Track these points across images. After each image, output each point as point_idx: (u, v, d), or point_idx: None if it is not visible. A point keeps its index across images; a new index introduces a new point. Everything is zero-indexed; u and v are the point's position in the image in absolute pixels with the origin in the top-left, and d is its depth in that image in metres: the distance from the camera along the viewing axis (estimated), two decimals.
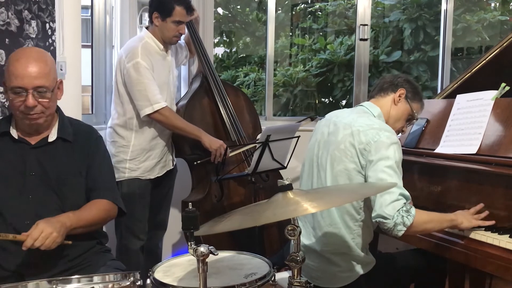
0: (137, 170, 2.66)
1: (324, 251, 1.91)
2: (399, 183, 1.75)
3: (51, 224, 1.60)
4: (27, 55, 1.75)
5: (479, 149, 2.03)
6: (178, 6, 2.62)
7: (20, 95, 1.72)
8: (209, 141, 2.66)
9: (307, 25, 5.69)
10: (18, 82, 1.70)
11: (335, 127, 1.94)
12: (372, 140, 1.80)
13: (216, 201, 2.81)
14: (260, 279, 1.46)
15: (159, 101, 2.56)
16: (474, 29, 5.20)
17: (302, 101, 5.37)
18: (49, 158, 1.82)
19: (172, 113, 2.65)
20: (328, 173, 1.90)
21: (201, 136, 2.66)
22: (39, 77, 1.72)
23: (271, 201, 1.47)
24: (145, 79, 2.55)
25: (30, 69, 1.71)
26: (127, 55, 2.59)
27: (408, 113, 2.05)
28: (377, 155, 1.78)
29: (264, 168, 2.62)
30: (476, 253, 1.79)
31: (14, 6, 2.20)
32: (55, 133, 1.86)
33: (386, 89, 2.04)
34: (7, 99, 1.83)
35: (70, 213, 1.74)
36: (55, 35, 2.46)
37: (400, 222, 1.68)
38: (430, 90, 5.06)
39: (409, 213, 1.70)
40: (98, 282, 1.34)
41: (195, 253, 1.27)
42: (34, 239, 1.55)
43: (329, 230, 1.90)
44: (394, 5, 5.36)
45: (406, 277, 2.08)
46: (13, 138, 1.82)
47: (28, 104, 1.71)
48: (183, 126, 2.65)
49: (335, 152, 1.88)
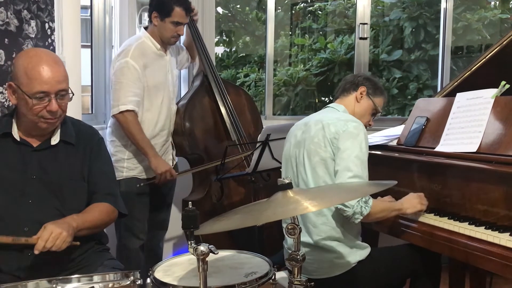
0: (135, 170, 2.66)
1: (317, 241, 1.97)
2: (363, 174, 1.90)
3: (59, 225, 1.61)
4: (44, 59, 1.72)
5: (479, 147, 2.02)
6: (177, 7, 2.62)
7: (43, 100, 1.69)
8: (156, 164, 2.56)
9: (307, 24, 5.69)
10: (42, 87, 1.68)
11: (307, 127, 2.08)
12: (341, 130, 1.95)
13: (216, 201, 2.81)
14: (260, 278, 1.46)
15: (126, 103, 2.51)
16: (475, 27, 5.20)
17: (303, 100, 5.38)
18: (50, 161, 1.80)
19: (134, 120, 2.54)
20: (307, 166, 2.00)
21: (149, 155, 2.55)
22: (62, 81, 1.72)
23: (271, 200, 1.47)
24: (124, 79, 2.53)
25: (54, 73, 1.70)
26: (120, 53, 2.60)
27: (372, 108, 2.20)
28: (345, 144, 1.92)
29: (264, 167, 2.63)
30: (476, 251, 1.78)
31: (13, 6, 2.20)
32: (58, 136, 1.83)
33: (348, 89, 2.18)
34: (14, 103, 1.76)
35: (74, 215, 1.74)
36: (55, 35, 2.46)
37: (358, 212, 1.85)
38: (431, 88, 5.06)
39: (367, 204, 1.86)
40: (98, 281, 1.33)
41: (195, 252, 1.27)
42: (45, 241, 1.56)
43: (318, 220, 1.97)
44: (394, 3, 5.36)
45: (402, 270, 2.12)
46: (14, 139, 1.78)
47: (52, 109, 1.70)
48: (137, 137, 2.53)
49: (310, 146, 2.00)
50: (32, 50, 1.98)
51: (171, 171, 2.60)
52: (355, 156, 1.90)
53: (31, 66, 1.69)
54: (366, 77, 2.22)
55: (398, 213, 2.04)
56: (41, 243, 1.56)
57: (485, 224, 1.86)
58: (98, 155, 1.92)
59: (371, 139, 2.57)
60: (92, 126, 2.02)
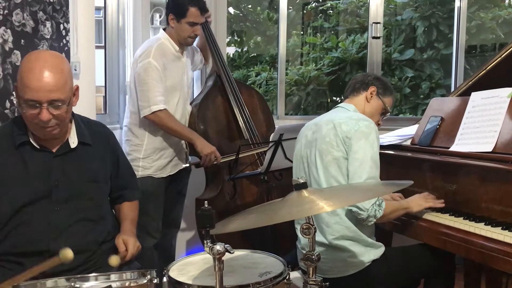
0: (150, 169, 2.68)
1: (331, 241, 1.97)
2: (376, 174, 1.92)
3: (132, 235, 1.81)
4: (42, 64, 1.60)
5: (494, 147, 2.00)
6: (192, 7, 2.65)
7: (34, 107, 1.60)
8: (201, 145, 2.64)
9: (318, 23, 5.67)
10: (32, 95, 1.57)
11: (317, 127, 2.07)
12: (353, 129, 1.95)
13: (229, 199, 2.82)
14: (274, 278, 1.46)
15: (158, 103, 2.57)
16: (488, 26, 5.14)
17: (314, 99, 5.36)
18: (72, 165, 1.76)
19: (168, 115, 2.62)
20: (319, 166, 2.00)
21: (194, 139, 2.65)
22: (55, 90, 1.59)
23: (286, 199, 1.47)
24: (150, 79, 2.57)
25: (45, 80, 1.57)
26: (141, 54, 2.62)
27: (381, 108, 2.20)
28: (358, 144, 1.93)
29: (276, 167, 2.63)
30: (493, 252, 1.76)
31: (29, 7, 2.22)
32: (75, 138, 1.78)
33: (358, 89, 2.18)
34: (18, 107, 1.75)
35: (129, 222, 1.87)
36: (69, 36, 2.48)
37: (372, 215, 1.87)
38: (444, 88, 5.02)
39: (380, 207, 1.88)
40: (115, 280, 1.34)
41: (211, 251, 1.27)
42: (132, 254, 1.76)
43: (331, 220, 1.97)
44: (407, 3, 5.33)
45: (416, 270, 2.12)
46: (34, 146, 1.72)
47: (42, 118, 1.59)
48: (177, 128, 2.64)
49: (322, 145, 2.00)
50: (35, 53, 1.79)
51: (216, 153, 2.66)
52: (369, 158, 1.91)
53: (26, 71, 1.59)
54: (376, 76, 2.22)
55: (405, 211, 2.06)
56: (130, 256, 1.74)
57: (501, 224, 1.84)
58: (117, 152, 1.95)
59: (385, 138, 2.56)
60: (101, 122, 2.01)
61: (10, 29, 2.12)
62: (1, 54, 2.09)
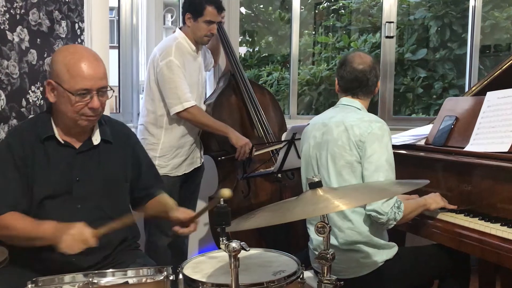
0: (166, 167, 2.70)
1: (343, 244, 1.96)
2: (393, 177, 1.90)
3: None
4: (86, 55, 1.70)
5: (511, 147, 1.99)
6: (209, 6, 2.67)
7: (85, 96, 1.66)
8: (236, 137, 2.69)
9: (330, 23, 5.66)
10: (85, 84, 1.65)
11: (327, 128, 2.02)
12: (366, 132, 1.92)
13: (244, 197, 2.83)
14: (288, 277, 1.46)
15: (189, 99, 2.61)
16: (503, 26, 5.09)
17: (326, 99, 5.35)
18: (94, 163, 1.78)
19: (200, 111, 2.69)
20: (331, 170, 1.97)
21: (228, 132, 2.69)
22: (103, 77, 1.70)
23: (301, 198, 1.47)
24: (176, 77, 2.60)
25: (95, 70, 1.67)
26: (161, 53, 2.64)
27: None
28: (372, 147, 1.90)
29: (289, 167, 2.63)
30: (510, 253, 1.75)
31: (45, 7, 2.25)
32: (98, 135, 1.79)
33: (365, 86, 2.08)
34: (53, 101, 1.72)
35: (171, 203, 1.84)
36: (84, 35, 2.51)
37: (392, 218, 1.85)
38: (457, 88, 4.98)
39: (399, 209, 1.87)
40: (132, 276, 1.35)
41: (227, 248, 1.27)
42: None
43: (344, 225, 1.95)
44: (420, 2, 5.30)
45: (429, 270, 2.10)
46: (58, 141, 1.74)
47: (94, 106, 1.66)
48: (211, 123, 2.69)
49: (334, 149, 1.96)
50: (72, 46, 1.96)
51: (250, 144, 2.70)
52: (384, 160, 1.89)
53: (73, 63, 1.66)
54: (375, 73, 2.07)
55: (423, 208, 2.05)
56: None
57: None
58: (139, 149, 1.96)
59: (398, 138, 2.54)
60: (119, 120, 2.01)
61: (27, 28, 2.15)
62: (17, 53, 2.11)
